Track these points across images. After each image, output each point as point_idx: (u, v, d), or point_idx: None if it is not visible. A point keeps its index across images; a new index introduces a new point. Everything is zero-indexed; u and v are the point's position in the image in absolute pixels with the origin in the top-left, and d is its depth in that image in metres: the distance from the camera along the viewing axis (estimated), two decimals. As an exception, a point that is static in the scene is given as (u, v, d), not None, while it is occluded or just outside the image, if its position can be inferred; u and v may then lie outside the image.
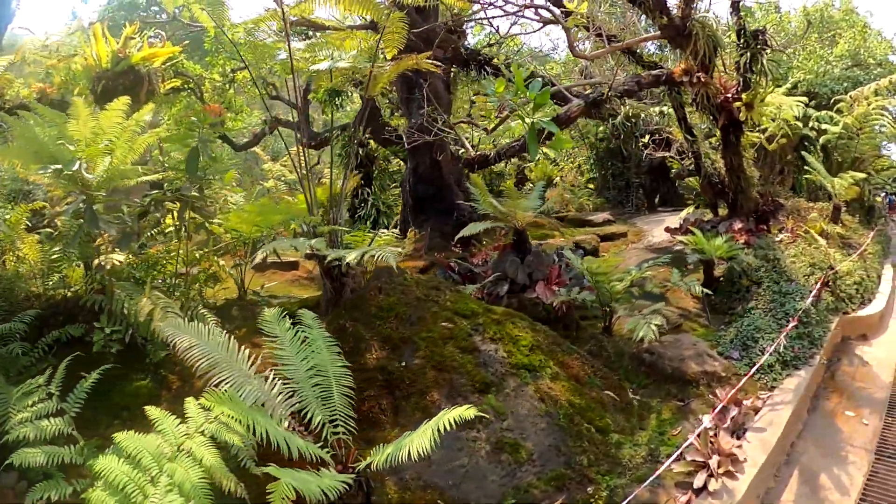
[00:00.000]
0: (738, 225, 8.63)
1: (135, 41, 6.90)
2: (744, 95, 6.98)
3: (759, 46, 6.29)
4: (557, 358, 5.05)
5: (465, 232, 6.56)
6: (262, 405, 3.24)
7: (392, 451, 3.07)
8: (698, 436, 4.09)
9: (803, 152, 10.08)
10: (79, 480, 3.55)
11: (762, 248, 7.63)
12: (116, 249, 4.99)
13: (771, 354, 5.46)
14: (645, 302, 6.53)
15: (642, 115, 8.59)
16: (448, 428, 3.04)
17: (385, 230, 7.18)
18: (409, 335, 5.04)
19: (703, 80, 6.44)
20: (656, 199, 12.55)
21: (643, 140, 8.84)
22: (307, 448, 3.12)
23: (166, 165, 5.88)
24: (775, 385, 5.27)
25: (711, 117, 7.45)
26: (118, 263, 4.89)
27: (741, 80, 6.81)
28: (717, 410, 4.42)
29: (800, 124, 10.86)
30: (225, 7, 4.78)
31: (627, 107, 8.49)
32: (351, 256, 4.76)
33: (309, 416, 3.46)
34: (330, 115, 9.42)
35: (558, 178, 13.88)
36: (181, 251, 5.55)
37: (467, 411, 3.03)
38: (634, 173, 11.36)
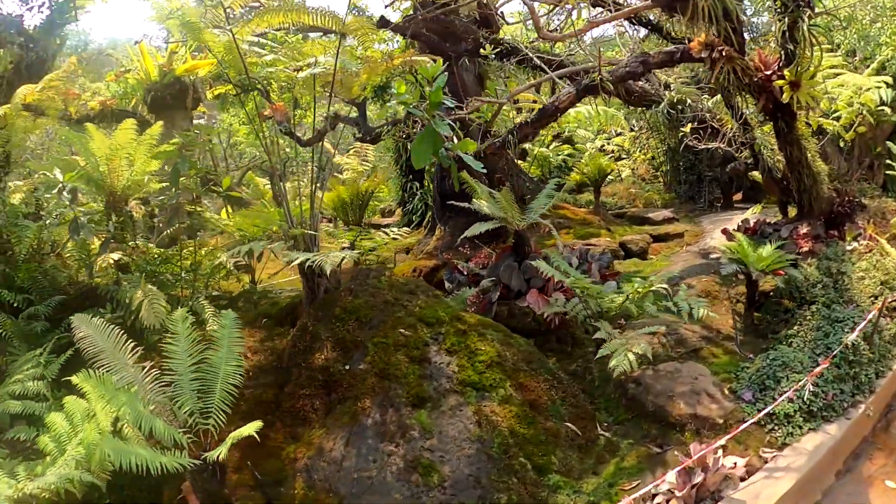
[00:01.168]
0: (803, 229, 7.23)
1: (178, 55, 7.29)
2: (786, 72, 5.63)
3: (799, 9, 4.98)
4: (518, 378, 4.52)
5: (469, 232, 6.10)
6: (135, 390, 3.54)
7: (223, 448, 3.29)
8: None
9: (889, 143, 8.24)
10: (41, 429, 4.04)
11: (827, 260, 6.37)
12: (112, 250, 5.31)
13: (791, 401, 4.41)
14: (660, 317, 5.68)
15: (688, 102, 7.34)
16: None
17: (397, 228, 6.91)
18: (362, 339, 4.81)
19: (726, 54, 5.26)
20: (734, 195, 10.99)
21: (683, 130, 7.62)
22: (165, 430, 3.35)
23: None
24: (788, 442, 4.20)
25: (754, 100, 6.15)
26: (112, 261, 5.22)
27: (781, 52, 5.51)
28: (679, 470, 3.61)
29: (888, 110, 8.95)
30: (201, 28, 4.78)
31: (673, 92, 7.31)
32: (298, 260, 4.64)
33: (180, 405, 3.68)
34: (383, 110, 9.29)
35: (629, 171, 12.66)
36: (184, 250, 5.78)
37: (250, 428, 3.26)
38: (707, 166, 9.97)
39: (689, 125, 7.10)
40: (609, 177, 10.62)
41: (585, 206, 10.48)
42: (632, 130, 11.41)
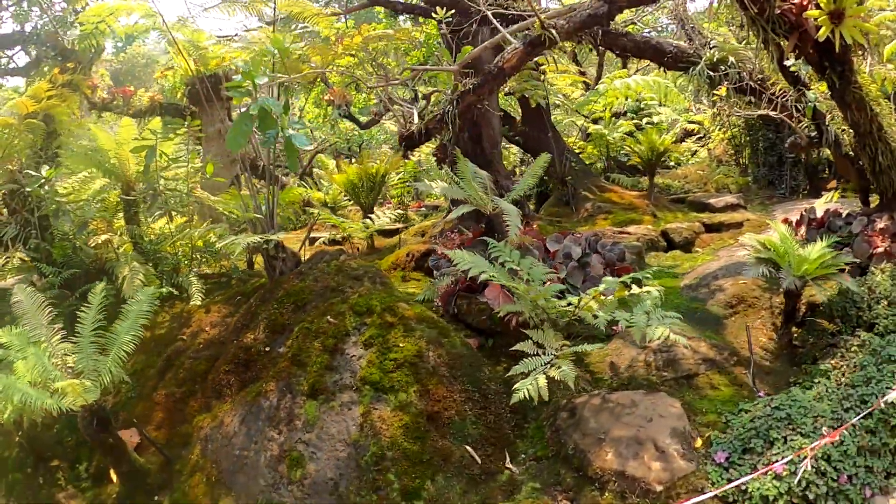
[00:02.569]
0: (882, 223, 5.73)
1: (206, 49, 7.46)
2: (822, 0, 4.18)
3: None
4: (428, 384, 4.12)
5: (450, 216, 5.66)
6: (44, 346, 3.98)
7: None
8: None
9: None
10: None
11: None
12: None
13: (779, 478, 3.22)
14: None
15: (731, 60, 5.77)
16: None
17: (389, 212, 6.61)
18: (291, 323, 4.76)
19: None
20: (826, 180, 8.96)
21: (718, 93, 6.10)
22: (58, 379, 3.69)
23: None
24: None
25: (785, 42, 4.62)
26: (103, 241, 5.62)
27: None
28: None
29: None
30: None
31: (713, 49, 5.85)
32: (226, 241, 4.67)
33: (78, 361, 3.98)
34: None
35: (705, 152, 10.88)
36: (171, 231, 6.05)
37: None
38: (789, 146, 8.16)
39: (725, 87, 5.74)
40: (672, 158, 9.23)
41: (641, 189, 9.28)
42: (713, 106, 9.78)
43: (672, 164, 10.10)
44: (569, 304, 4.26)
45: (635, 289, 4.39)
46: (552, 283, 4.45)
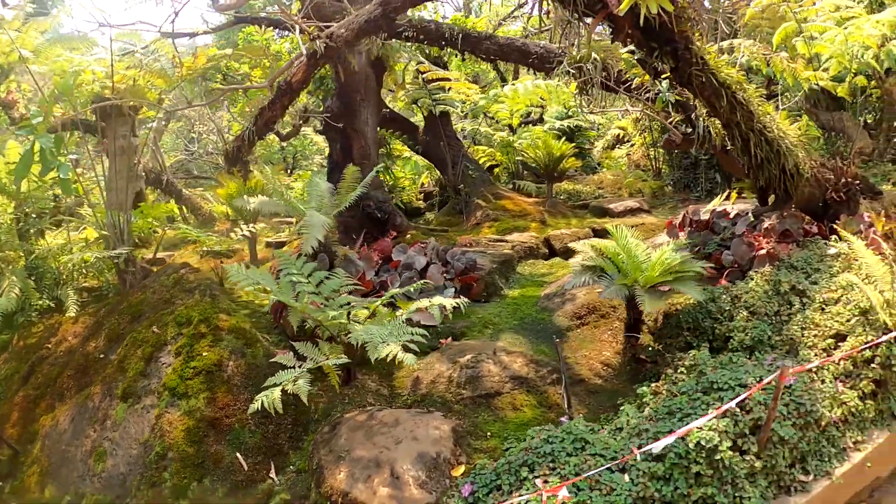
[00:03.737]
0: (769, 222, 6.03)
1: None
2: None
3: None
4: (218, 393, 4.86)
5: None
6: None
7: None
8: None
9: None
10: None
11: (789, 269, 5.11)
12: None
13: None
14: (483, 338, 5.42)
15: (594, 57, 6.10)
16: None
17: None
18: (125, 332, 5.56)
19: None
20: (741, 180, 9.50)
21: (568, 91, 6.57)
22: None
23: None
24: None
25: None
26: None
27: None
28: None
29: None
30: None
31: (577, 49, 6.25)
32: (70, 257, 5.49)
33: None
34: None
35: (626, 157, 11.49)
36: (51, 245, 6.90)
37: None
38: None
39: (575, 84, 6.09)
40: (568, 164, 9.81)
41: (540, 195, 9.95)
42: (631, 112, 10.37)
43: (573, 171, 10.69)
44: (332, 318, 4.67)
45: (424, 303, 5.06)
46: (343, 296, 5.19)
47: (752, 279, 5.07)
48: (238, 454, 4.40)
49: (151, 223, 6.66)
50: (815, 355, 4.21)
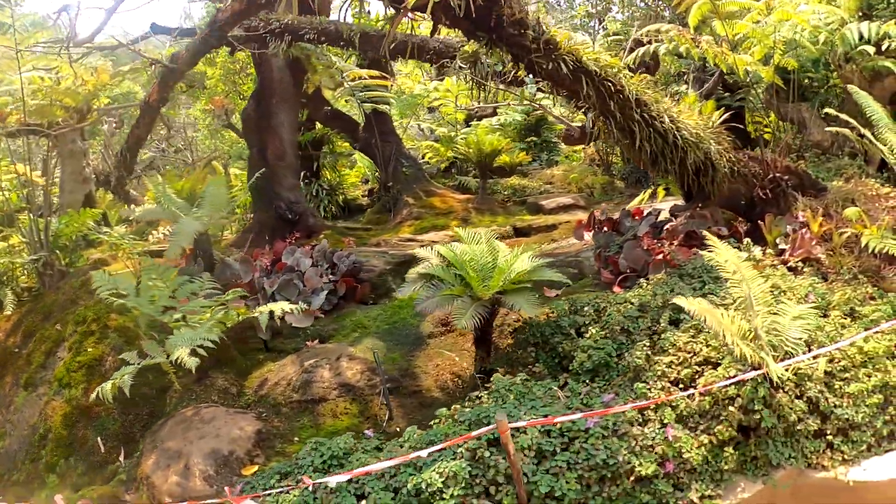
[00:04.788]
0: (675, 222, 6.24)
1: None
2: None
3: None
4: (94, 383, 5.84)
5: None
6: None
7: None
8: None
9: (850, 86, 6.81)
10: None
11: (686, 277, 5.27)
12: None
13: None
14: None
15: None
16: None
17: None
18: (37, 329, 6.81)
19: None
20: None
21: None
22: None
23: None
24: None
25: None
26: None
27: None
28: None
29: (870, 49, 7.39)
30: None
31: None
32: None
33: None
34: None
35: (582, 152, 11.95)
36: None
37: None
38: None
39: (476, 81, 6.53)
40: (502, 160, 10.47)
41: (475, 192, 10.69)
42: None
43: (504, 166, 11.31)
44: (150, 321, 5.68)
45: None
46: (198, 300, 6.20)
47: (641, 287, 5.21)
48: (99, 439, 5.52)
49: (80, 228, 7.87)
50: (661, 388, 4.15)
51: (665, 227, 6.51)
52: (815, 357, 4.26)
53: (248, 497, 3.80)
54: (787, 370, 4.08)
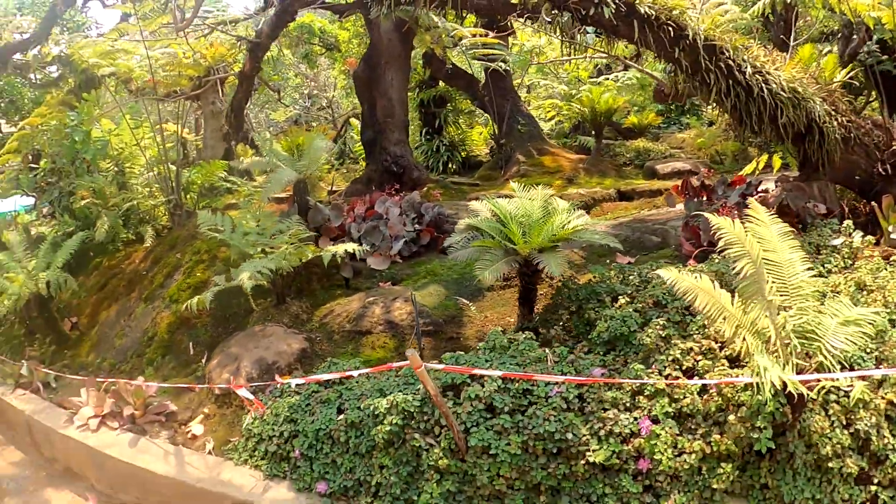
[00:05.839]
0: (770, 192, 5.94)
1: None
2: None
3: None
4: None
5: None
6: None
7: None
8: None
9: None
10: None
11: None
12: None
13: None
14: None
15: None
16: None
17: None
18: (162, 257, 8.42)
19: None
20: None
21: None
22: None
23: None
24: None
25: None
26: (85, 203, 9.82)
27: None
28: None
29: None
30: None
31: None
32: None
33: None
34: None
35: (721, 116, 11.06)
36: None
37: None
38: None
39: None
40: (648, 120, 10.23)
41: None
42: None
43: (634, 127, 10.95)
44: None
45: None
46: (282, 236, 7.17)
47: (709, 262, 5.04)
48: (191, 343, 6.80)
49: (208, 177, 9.42)
50: (667, 376, 3.95)
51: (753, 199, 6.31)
52: (859, 377, 3.53)
53: (244, 386, 4.65)
54: (810, 387, 3.38)
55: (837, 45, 9.30)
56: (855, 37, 8.65)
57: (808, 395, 3.34)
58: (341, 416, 4.46)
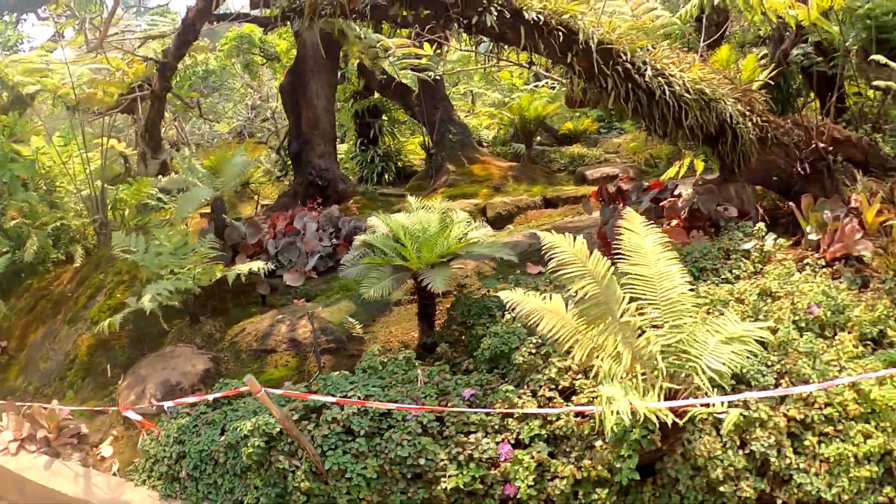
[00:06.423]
0: (679, 199, 5.99)
1: None
2: None
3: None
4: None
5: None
6: None
7: None
8: None
9: None
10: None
11: None
12: None
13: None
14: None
15: None
16: None
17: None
18: (86, 278, 8.79)
19: None
20: None
21: None
22: None
23: None
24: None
25: None
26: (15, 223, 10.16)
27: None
28: None
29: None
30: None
31: None
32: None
33: None
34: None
35: None
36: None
37: None
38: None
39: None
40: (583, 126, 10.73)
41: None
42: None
43: (569, 133, 11.39)
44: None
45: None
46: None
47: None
48: (108, 366, 7.26)
49: (137, 194, 9.83)
50: (541, 396, 3.93)
51: (662, 204, 6.41)
52: (731, 404, 3.30)
53: (132, 408, 5.12)
54: (684, 412, 3.23)
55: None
56: (786, 39, 9.25)
57: (679, 422, 3.22)
58: (223, 438, 4.92)
